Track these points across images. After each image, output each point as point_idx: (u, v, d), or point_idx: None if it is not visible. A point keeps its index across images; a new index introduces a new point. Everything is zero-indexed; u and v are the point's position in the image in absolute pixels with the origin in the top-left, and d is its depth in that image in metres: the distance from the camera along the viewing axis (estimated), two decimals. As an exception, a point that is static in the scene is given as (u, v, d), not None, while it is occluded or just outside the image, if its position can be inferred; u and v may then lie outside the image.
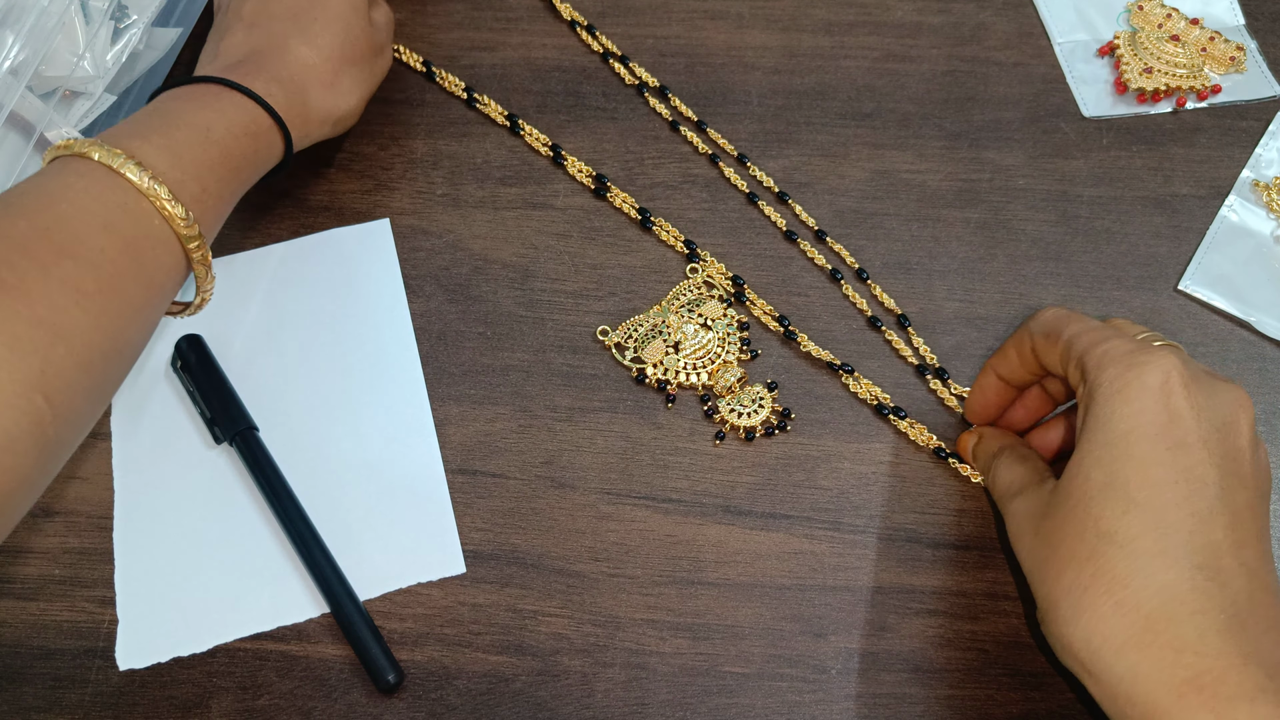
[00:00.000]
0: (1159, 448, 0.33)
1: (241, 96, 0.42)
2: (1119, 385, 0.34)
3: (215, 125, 0.41)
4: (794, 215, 0.50)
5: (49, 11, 0.44)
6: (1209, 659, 0.30)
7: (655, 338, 0.46)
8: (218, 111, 0.41)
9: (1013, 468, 0.40)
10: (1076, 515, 0.34)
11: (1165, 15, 0.55)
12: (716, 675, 0.40)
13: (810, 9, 0.57)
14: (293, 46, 0.45)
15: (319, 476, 0.43)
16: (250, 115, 0.42)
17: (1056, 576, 0.34)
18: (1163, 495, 0.32)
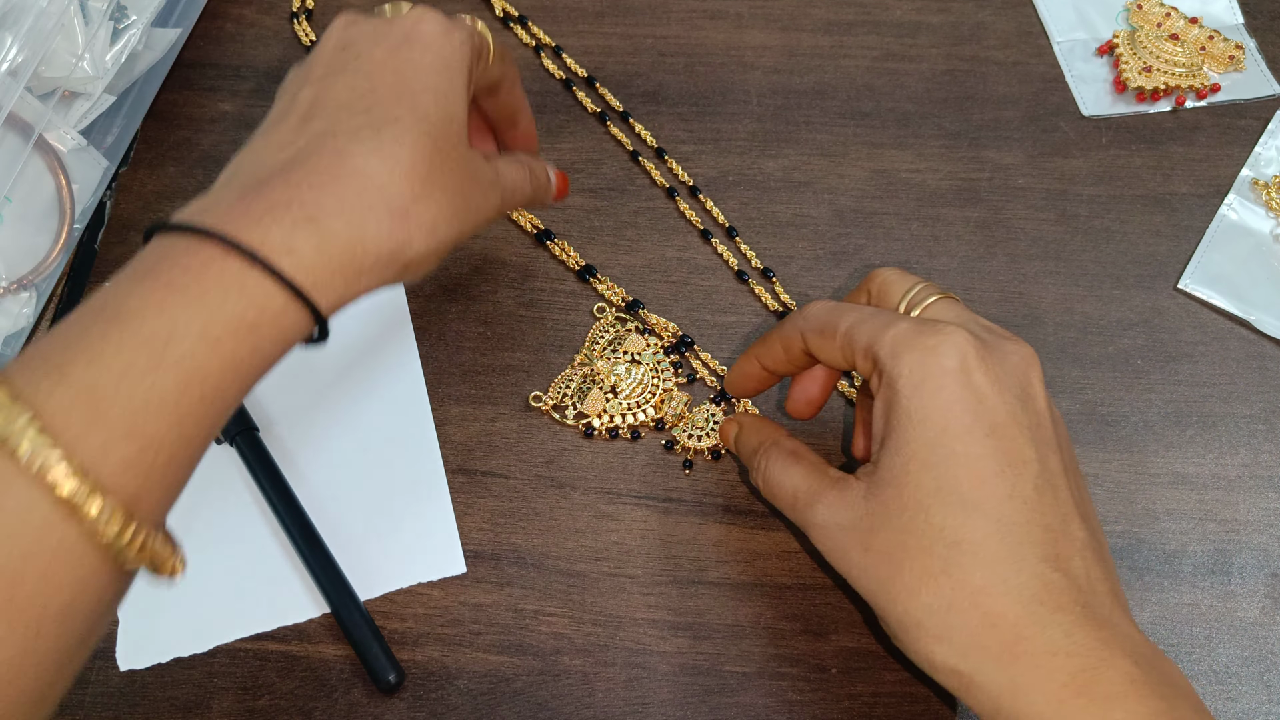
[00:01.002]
0: (977, 438, 0.32)
1: (241, 266, 0.28)
2: (919, 376, 0.33)
3: (181, 332, 0.27)
4: (707, 212, 0.50)
5: (48, 12, 0.44)
6: (1080, 658, 0.30)
7: (590, 388, 0.45)
8: (193, 305, 0.27)
9: (789, 471, 0.37)
10: (918, 526, 0.32)
11: (1164, 14, 0.55)
12: (717, 674, 0.40)
13: (809, 8, 0.57)
14: (355, 153, 0.31)
15: (319, 476, 0.43)
16: (251, 298, 0.28)
17: (911, 595, 0.32)
18: (995, 490, 0.32)
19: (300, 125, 0.33)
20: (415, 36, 0.35)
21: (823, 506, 0.35)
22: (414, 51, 0.34)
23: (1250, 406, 0.45)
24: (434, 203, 0.33)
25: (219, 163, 0.51)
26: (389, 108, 0.33)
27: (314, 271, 0.30)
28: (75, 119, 0.47)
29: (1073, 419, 0.45)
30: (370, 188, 0.31)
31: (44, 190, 0.46)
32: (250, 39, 0.55)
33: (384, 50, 0.34)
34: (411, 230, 0.32)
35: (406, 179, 0.32)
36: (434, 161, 0.33)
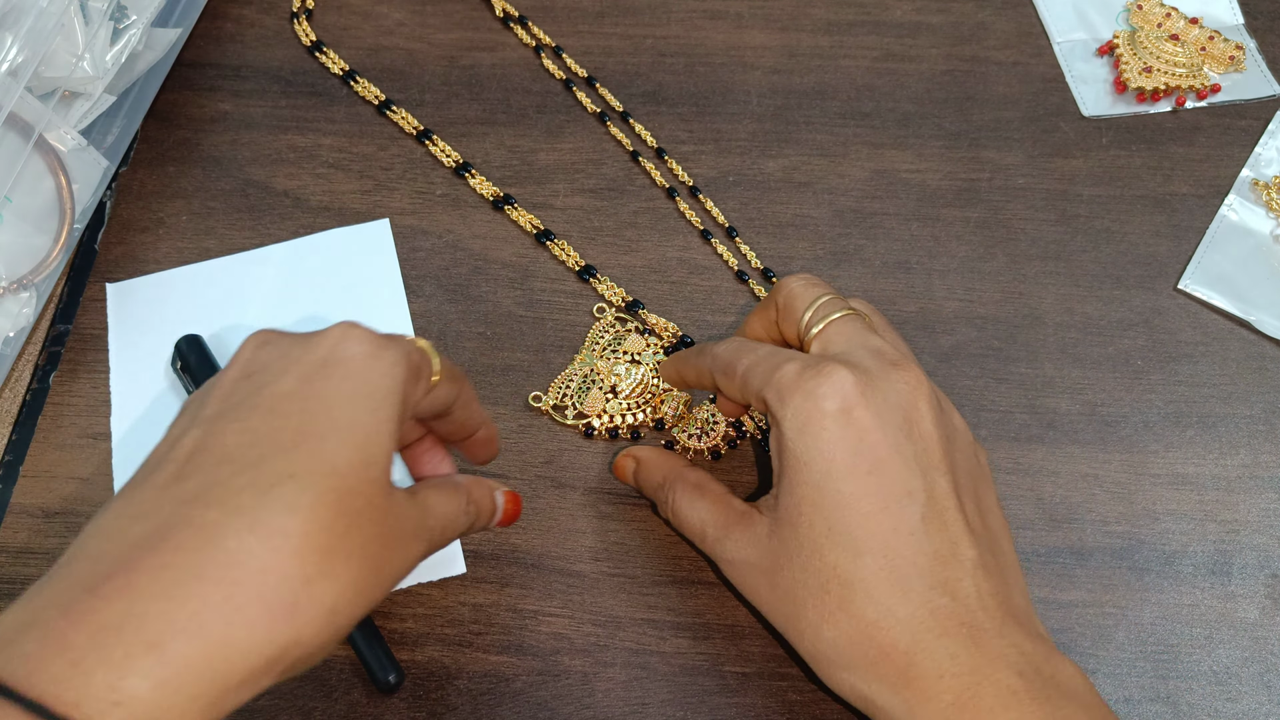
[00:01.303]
0: (860, 477, 0.33)
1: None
2: (802, 420, 0.34)
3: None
4: (706, 212, 0.50)
5: (48, 12, 0.44)
6: (963, 678, 0.31)
7: (590, 388, 0.45)
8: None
9: (696, 505, 0.38)
10: (814, 566, 0.33)
11: (1164, 14, 0.55)
12: (717, 675, 0.40)
13: (809, 8, 0.57)
14: (229, 532, 0.26)
15: (319, 477, 0.43)
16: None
17: (815, 630, 0.33)
18: (880, 526, 0.33)
19: (170, 485, 0.27)
20: (334, 361, 0.30)
21: (731, 542, 0.36)
22: (330, 381, 0.29)
23: (1250, 407, 0.45)
24: (335, 580, 0.27)
25: (219, 163, 0.51)
26: (285, 459, 0.27)
27: (153, 717, 0.24)
28: (75, 119, 0.47)
29: (1073, 419, 0.45)
30: (244, 580, 0.25)
31: (44, 190, 0.46)
32: (250, 39, 0.55)
33: (293, 380, 0.29)
34: (301, 625, 0.26)
35: (296, 558, 0.26)
36: (339, 525, 0.27)
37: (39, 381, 0.46)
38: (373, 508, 0.28)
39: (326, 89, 0.54)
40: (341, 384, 0.29)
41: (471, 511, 0.35)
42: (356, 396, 0.29)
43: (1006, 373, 0.46)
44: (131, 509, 0.27)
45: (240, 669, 0.25)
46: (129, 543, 0.26)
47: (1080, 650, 0.40)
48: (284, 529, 0.26)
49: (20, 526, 0.42)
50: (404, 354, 0.31)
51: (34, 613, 0.25)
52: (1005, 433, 0.45)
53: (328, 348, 0.30)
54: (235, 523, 0.26)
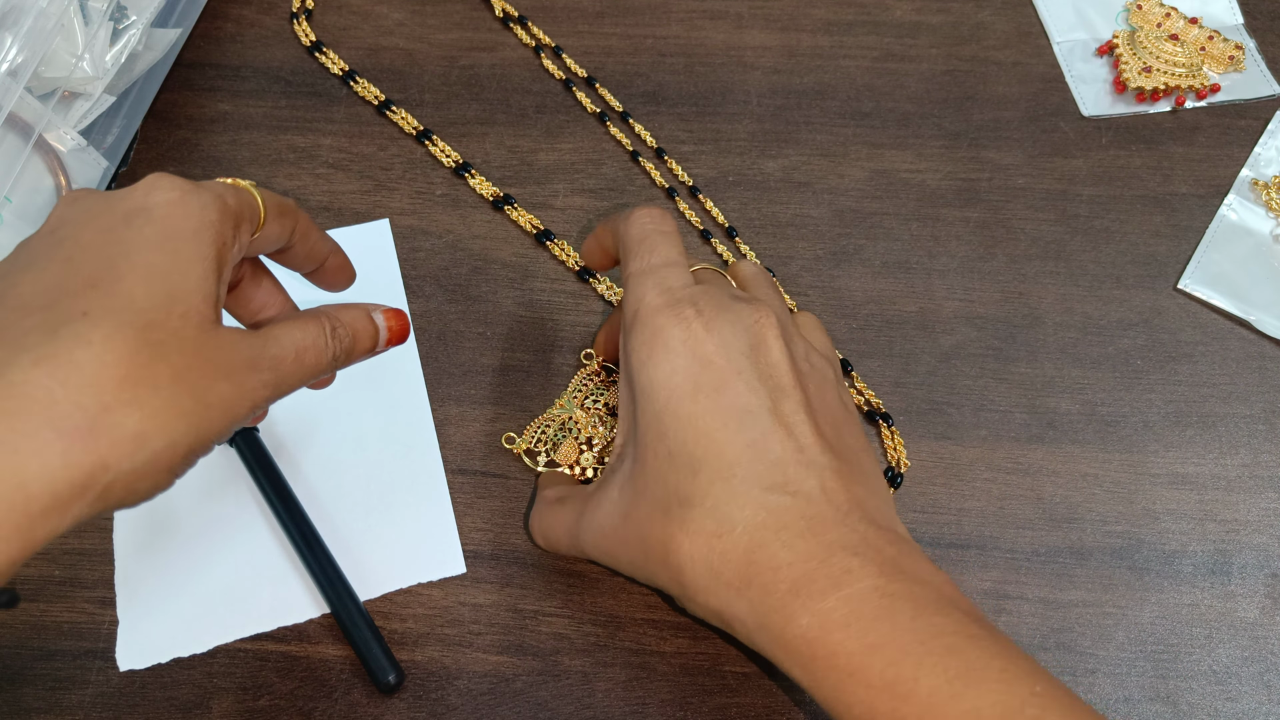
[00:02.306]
0: (701, 399, 0.33)
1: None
2: (647, 353, 0.34)
3: None
4: (705, 211, 0.50)
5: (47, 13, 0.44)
6: (799, 565, 0.31)
7: (566, 437, 0.44)
8: None
9: (554, 511, 0.39)
10: (657, 495, 0.33)
11: (1164, 14, 0.55)
12: (717, 675, 0.40)
13: (809, 9, 0.57)
14: (15, 368, 0.26)
15: (319, 476, 0.43)
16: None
17: (664, 562, 0.33)
18: (718, 441, 0.33)
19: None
20: (139, 211, 0.29)
21: (587, 517, 0.36)
22: (132, 229, 0.29)
23: (1250, 406, 0.45)
24: (139, 407, 0.26)
25: (218, 162, 0.51)
26: (76, 300, 0.27)
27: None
28: (75, 119, 0.47)
29: (1073, 419, 0.45)
30: (30, 410, 0.25)
31: (44, 190, 0.46)
32: (250, 39, 0.55)
33: (94, 231, 0.29)
34: (103, 449, 0.26)
35: (90, 387, 0.26)
36: (139, 356, 0.27)
37: (39, 382, 0.46)
38: (182, 340, 0.28)
39: (326, 89, 0.54)
40: (143, 229, 0.29)
41: (341, 334, 0.34)
42: (160, 240, 0.29)
43: (1006, 373, 0.46)
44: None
45: (42, 495, 0.25)
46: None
47: (1080, 650, 0.40)
48: (74, 360, 0.26)
49: (20, 527, 0.42)
50: (214, 197, 0.31)
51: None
52: (1005, 433, 0.45)
53: (136, 199, 0.30)
54: (20, 359, 0.26)
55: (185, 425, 0.28)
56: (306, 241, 0.36)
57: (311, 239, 0.37)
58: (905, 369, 0.46)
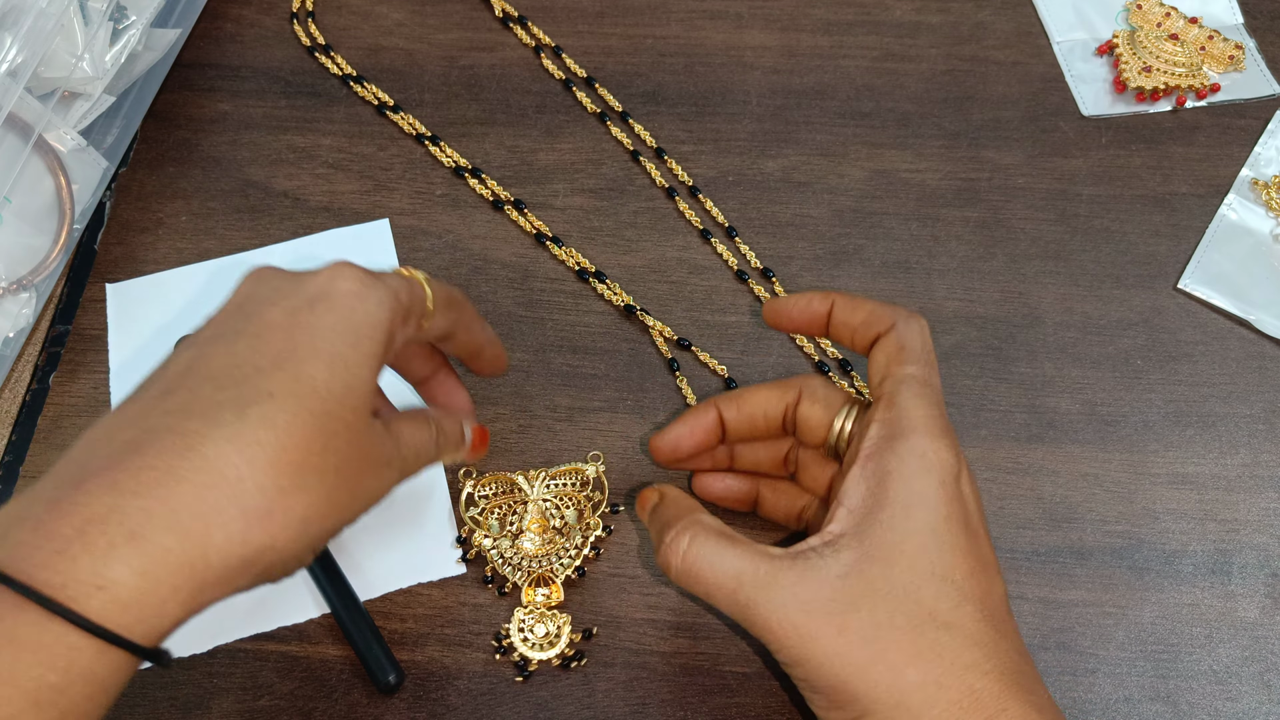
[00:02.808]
0: (964, 534, 0.33)
1: (38, 617, 0.25)
2: (927, 464, 0.33)
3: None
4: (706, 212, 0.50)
5: (47, 13, 0.44)
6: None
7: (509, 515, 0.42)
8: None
9: (725, 554, 0.33)
10: (907, 608, 0.32)
11: (1164, 14, 0.55)
12: (717, 675, 0.40)
13: (809, 8, 0.57)
14: (207, 441, 0.27)
15: (319, 477, 0.43)
16: (51, 657, 0.25)
17: (896, 673, 0.31)
18: (980, 583, 0.33)
19: (159, 399, 0.29)
20: (322, 297, 0.31)
21: (783, 589, 0.32)
22: (315, 314, 0.31)
23: (1250, 406, 0.45)
24: (308, 493, 0.28)
25: (218, 162, 0.51)
26: (266, 379, 0.29)
27: (136, 602, 0.25)
28: (75, 119, 0.47)
29: (1073, 419, 0.45)
30: (220, 486, 0.27)
31: (44, 190, 0.46)
32: (250, 39, 0.55)
33: (281, 312, 0.31)
34: (275, 531, 0.28)
35: (271, 469, 0.27)
36: (314, 443, 0.28)
37: (39, 382, 0.46)
38: (349, 430, 0.30)
39: (326, 89, 0.54)
40: (325, 316, 0.31)
41: (442, 442, 0.36)
42: (340, 330, 0.31)
43: (1006, 372, 0.46)
44: (120, 419, 0.29)
45: (217, 566, 0.27)
46: (115, 447, 0.27)
47: (1080, 650, 0.40)
48: (260, 441, 0.28)
49: (20, 527, 0.42)
50: (391, 293, 0.32)
51: (25, 507, 0.27)
52: (1005, 433, 0.45)
53: (319, 284, 0.32)
54: (215, 434, 0.27)
55: (338, 514, 0.30)
56: (469, 333, 0.38)
57: (474, 331, 0.38)
58: (905, 369, 0.46)
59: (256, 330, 0.30)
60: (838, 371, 0.46)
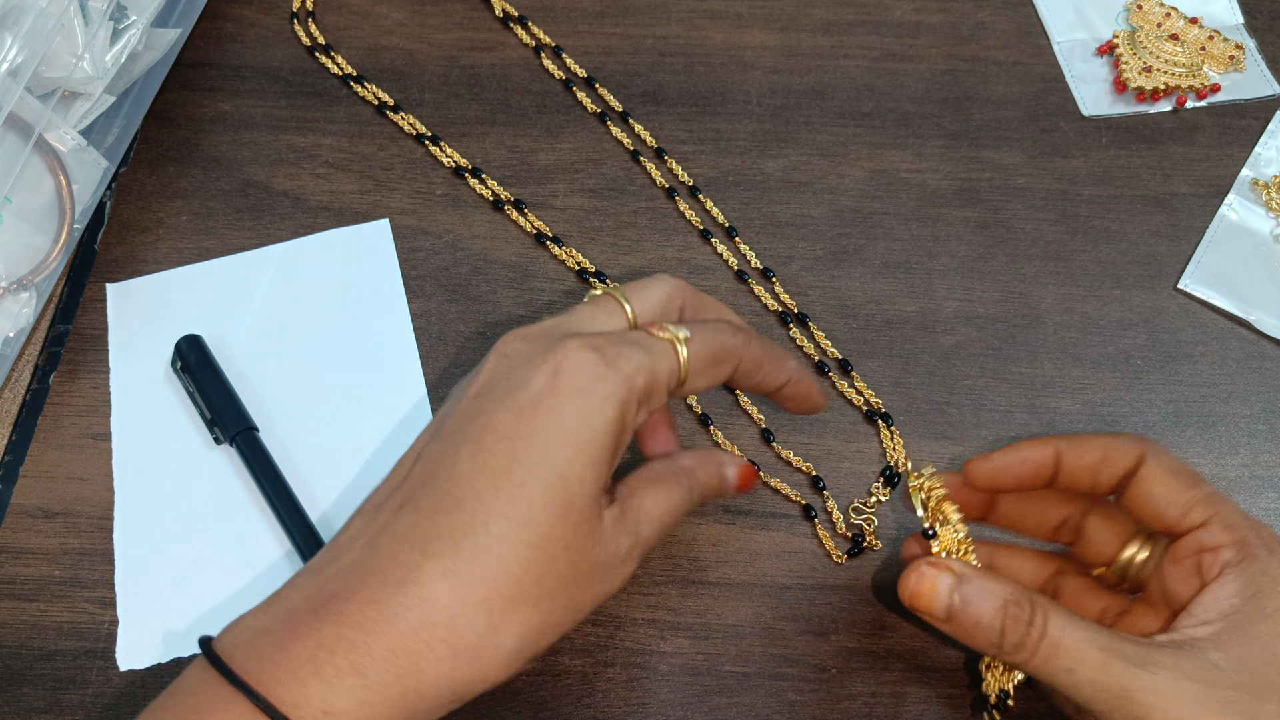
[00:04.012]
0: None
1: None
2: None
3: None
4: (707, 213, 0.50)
5: (47, 13, 0.44)
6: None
7: (947, 523, 0.36)
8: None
9: (1088, 633, 0.31)
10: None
11: (1164, 14, 0.55)
12: (717, 675, 0.40)
13: (809, 8, 0.57)
14: (424, 576, 0.28)
15: (319, 476, 0.43)
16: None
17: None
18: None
19: (392, 516, 0.30)
20: (548, 394, 0.30)
21: (1160, 669, 0.30)
22: (539, 417, 0.30)
23: (1250, 406, 0.45)
24: (519, 626, 0.29)
25: (218, 162, 0.51)
26: (483, 507, 0.29)
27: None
28: (75, 119, 0.47)
29: (1073, 419, 0.45)
30: (433, 624, 0.28)
31: (44, 190, 0.46)
32: (250, 39, 0.55)
33: (508, 414, 0.30)
34: (484, 667, 0.29)
35: (482, 607, 0.28)
36: (529, 574, 0.29)
37: (39, 382, 0.46)
38: (569, 550, 0.30)
39: (326, 89, 0.54)
40: (549, 422, 0.30)
41: (695, 496, 0.34)
42: (562, 439, 0.30)
43: (1006, 373, 0.46)
44: (360, 530, 0.31)
45: (429, 698, 0.29)
46: (346, 567, 0.30)
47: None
48: (473, 578, 0.28)
49: (20, 526, 0.42)
50: (625, 382, 0.31)
51: (271, 619, 0.29)
52: (1005, 433, 0.45)
53: (547, 375, 0.31)
54: (431, 568, 0.29)
55: (552, 634, 0.30)
56: (751, 379, 0.35)
57: (759, 376, 0.35)
58: (905, 369, 0.46)
59: (479, 437, 0.30)
60: (838, 372, 0.46)
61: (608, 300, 0.34)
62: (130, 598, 0.41)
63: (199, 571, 0.41)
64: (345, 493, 0.43)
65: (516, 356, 0.32)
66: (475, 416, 0.31)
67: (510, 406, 0.30)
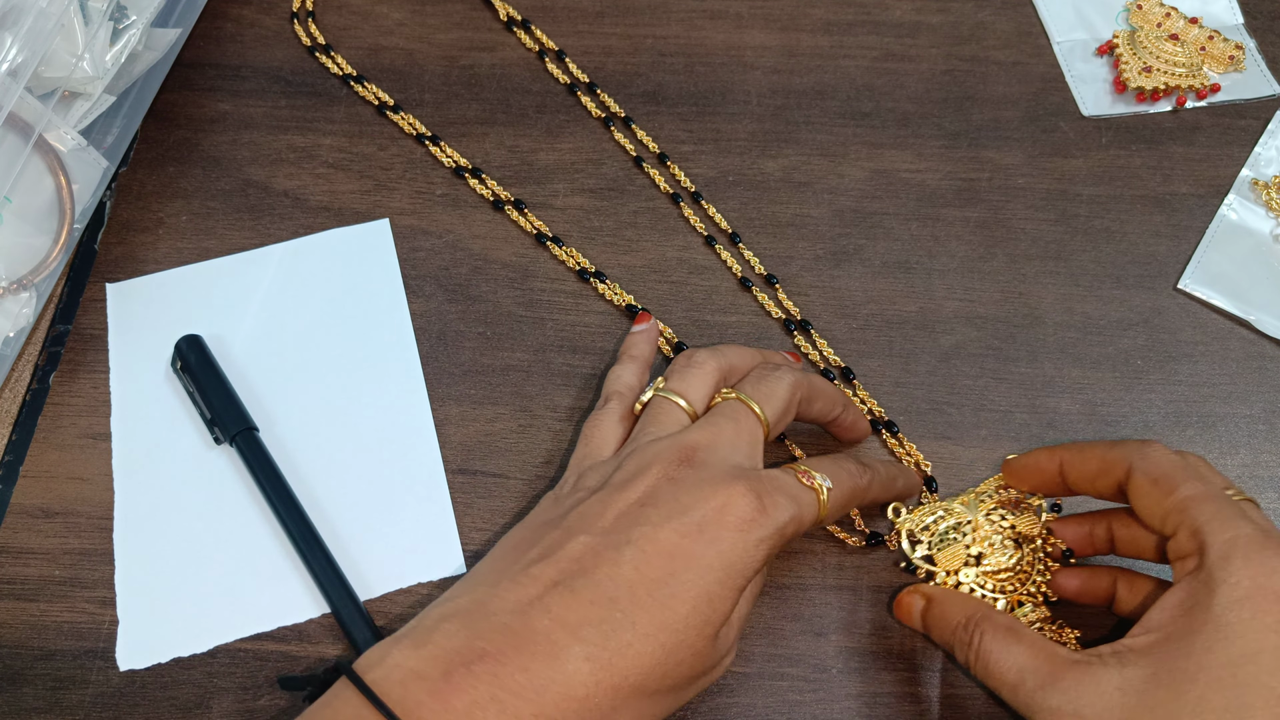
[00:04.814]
0: (1274, 676, 0.30)
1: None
2: (1244, 591, 0.31)
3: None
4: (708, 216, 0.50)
5: (47, 13, 0.44)
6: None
7: (956, 540, 0.40)
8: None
9: (1011, 649, 0.34)
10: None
11: (1164, 14, 0.55)
12: (717, 675, 0.40)
13: (809, 8, 0.57)
14: (571, 654, 0.31)
15: (319, 476, 0.43)
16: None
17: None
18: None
19: (544, 592, 0.33)
20: (712, 524, 0.34)
21: (1060, 693, 0.32)
22: (700, 543, 0.33)
23: (1250, 406, 0.45)
24: (636, 709, 0.32)
25: (218, 162, 0.51)
26: (636, 609, 0.32)
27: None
28: (75, 119, 0.47)
29: (1073, 419, 0.45)
30: (570, 699, 0.31)
31: (44, 190, 0.46)
32: (250, 39, 0.55)
33: (670, 533, 0.33)
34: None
35: (613, 693, 0.31)
36: (658, 670, 0.32)
37: (39, 382, 0.46)
38: (695, 656, 0.33)
39: (326, 89, 0.54)
40: (708, 550, 0.33)
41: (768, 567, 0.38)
42: (716, 566, 0.33)
43: (1006, 373, 0.46)
44: (512, 595, 0.33)
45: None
46: (500, 630, 0.32)
47: (1080, 650, 0.40)
48: (612, 666, 0.31)
49: (20, 526, 0.42)
50: (777, 530, 0.34)
51: (423, 663, 0.31)
52: (1005, 433, 0.45)
53: (712, 510, 0.34)
54: (578, 650, 0.31)
55: (658, 716, 0.34)
56: (872, 491, 0.40)
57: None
58: (905, 369, 0.46)
59: (643, 546, 0.33)
60: (840, 379, 0.46)
61: (745, 416, 0.38)
62: (130, 598, 0.41)
63: (199, 571, 0.41)
64: (345, 493, 0.43)
65: (685, 482, 0.35)
66: (639, 524, 0.34)
67: (675, 527, 0.33)
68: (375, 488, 0.43)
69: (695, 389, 0.39)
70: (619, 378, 0.42)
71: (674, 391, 0.39)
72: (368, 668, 0.32)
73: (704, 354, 0.40)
